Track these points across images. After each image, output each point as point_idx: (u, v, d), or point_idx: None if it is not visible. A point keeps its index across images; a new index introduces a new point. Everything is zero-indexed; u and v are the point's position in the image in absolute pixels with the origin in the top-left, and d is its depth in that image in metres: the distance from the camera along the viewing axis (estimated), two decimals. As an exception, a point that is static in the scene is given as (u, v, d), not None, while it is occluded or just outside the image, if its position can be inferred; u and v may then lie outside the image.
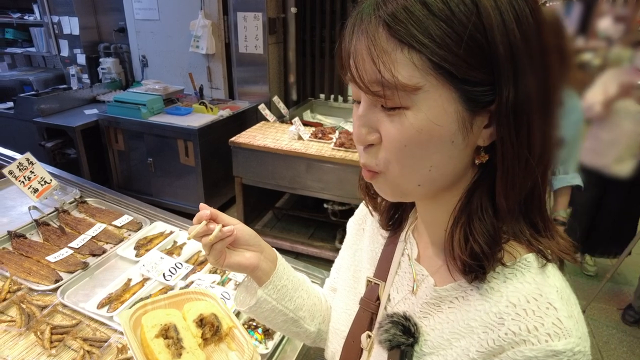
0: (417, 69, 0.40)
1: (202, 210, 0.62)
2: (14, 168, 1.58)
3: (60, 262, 1.33)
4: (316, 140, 2.77)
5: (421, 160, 0.44)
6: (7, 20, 4.35)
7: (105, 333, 1.09)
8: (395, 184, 0.48)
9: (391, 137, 0.44)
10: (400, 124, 0.43)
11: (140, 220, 1.62)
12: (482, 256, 0.45)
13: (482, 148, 0.45)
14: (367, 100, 0.45)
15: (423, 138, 0.42)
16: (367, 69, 0.42)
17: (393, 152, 0.44)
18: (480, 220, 0.46)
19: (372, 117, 0.45)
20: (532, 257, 0.48)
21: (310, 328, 0.74)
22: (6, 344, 1.04)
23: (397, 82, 0.40)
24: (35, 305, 1.15)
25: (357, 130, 0.47)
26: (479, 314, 0.47)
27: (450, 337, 0.50)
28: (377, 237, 0.67)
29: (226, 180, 3.22)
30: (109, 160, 3.58)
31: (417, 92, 0.41)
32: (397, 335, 0.53)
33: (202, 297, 1.00)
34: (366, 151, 0.47)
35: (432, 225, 0.55)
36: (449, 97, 0.41)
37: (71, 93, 3.72)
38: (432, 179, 0.46)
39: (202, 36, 3.66)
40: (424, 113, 0.41)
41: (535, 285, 0.45)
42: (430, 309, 0.53)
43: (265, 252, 0.68)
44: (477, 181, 0.47)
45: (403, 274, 0.60)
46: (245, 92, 3.79)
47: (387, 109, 0.43)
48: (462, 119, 0.42)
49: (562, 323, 0.42)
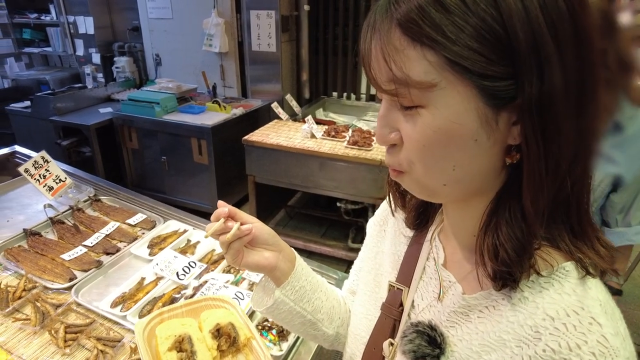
0: (432, 65, 0.38)
1: (220, 208, 0.60)
2: (30, 166, 1.59)
3: (74, 260, 1.33)
4: (329, 139, 2.75)
5: (443, 160, 0.42)
6: (25, 21, 4.42)
7: (118, 332, 1.08)
8: (421, 183, 0.46)
9: (410, 137, 0.43)
10: (416, 123, 0.42)
11: (154, 219, 1.61)
12: (509, 263, 0.42)
13: (513, 147, 0.41)
14: (386, 100, 0.44)
15: (442, 137, 0.41)
16: (380, 68, 0.41)
17: (413, 152, 0.43)
18: (508, 224, 0.42)
19: (392, 117, 0.44)
20: (571, 266, 0.44)
21: (329, 331, 0.72)
22: (21, 342, 1.05)
23: (410, 80, 0.39)
24: (50, 303, 1.15)
25: (378, 131, 0.46)
26: (512, 326, 0.44)
27: (480, 349, 0.47)
28: (400, 238, 0.64)
29: (239, 179, 3.22)
30: (123, 159, 3.61)
31: (432, 89, 0.39)
32: (422, 346, 0.50)
33: (221, 304, 0.97)
34: (389, 151, 0.47)
35: (461, 229, 0.52)
36: (467, 94, 0.39)
37: (86, 92, 3.76)
38: (457, 178, 0.43)
39: (215, 35, 3.66)
40: (440, 111, 0.40)
41: (576, 298, 0.42)
42: (458, 318, 0.50)
43: (284, 251, 0.66)
44: (507, 183, 0.44)
45: (428, 279, 0.57)
46: (258, 90, 3.79)
47: (404, 109, 0.42)
48: (484, 116, 0.39)
49: (608, 341, 0.38)
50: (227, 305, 0.97)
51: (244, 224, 0.61)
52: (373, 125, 3.20)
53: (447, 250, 0.56)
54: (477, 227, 0.46)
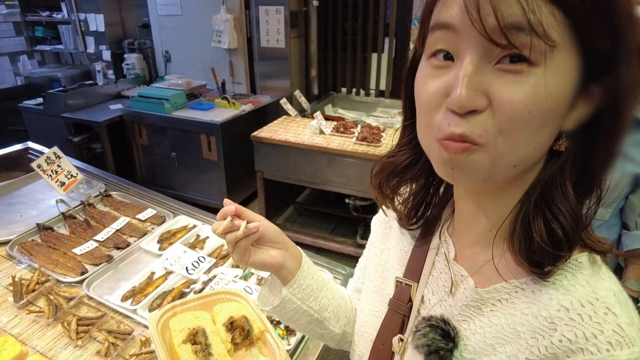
0: (558, 23, 0.35)
1: (226, 206, 0.60)
2: (42, 162, 1.62)
3: (85, 254, 1.35)
4: (338, 135, 2.74)
5: (535, 134, 0.39)
6: (37, 19, 4.47)
7: (129, 326, 1.10)
8: (493, 162, 0.40)
9: (513, 99, 0.37)
10: (527, 84, 0.36)
11: (164, 214, 1.63)
12: (565, 242, 0.41)
13: (563, 133, 0.41)
14: (480, 54, 0.38)
15: (549, 104, 0.37)
16: (506, 10, 0.35)
17: (512, 119, 0.37)
18: (565, 204, 0.42)
19: (482, 78, 0.38)
20: (583, 258, 0.44)
21: (335, 330, 0.71)
22: (35, 334, 1.07)
23: (544, 30, 0.35)
24: (62, 296, 1.17)
25: (458, 93, 0.38)
26: (526, 318, 0.44)
27: (494, 342, 0.47)
28: (406, 235, 0.63)
29: (248, 175, 3.23)
30: (133, 155, 3.65)
31: (553, 49, 0.36)
32: (435, 340, 0.49)
33: (233, 298, 0.97)
34: (467, 119, 0.39)
35: (475, 224, 0.52)
36: (575, 64, 0.37)
37: (97, 89, 3.80)
38: (530, 159, 0.41)
39: (224, 31, 3.67)
40: (554, 75, 0.37)
41: (590, 289, 0.42)
42: (470, 311, 0.50)
43: (290, 250, 0.66)
44: (551, 167, 0.43)
45: (438, 274, 0.56)
46: (267, 86, 3.79)
47: (508, 66, 0.37)
48: (576, 91, 0.38)
49: (624, 330, 0.39)
50: (240, 299, 0.97)
51: (250, 222, 0.61)
52: (382, 121, 3.19)
53: (457, 245, 0.55)
54: (501, 218, 0.46)
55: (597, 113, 0.40)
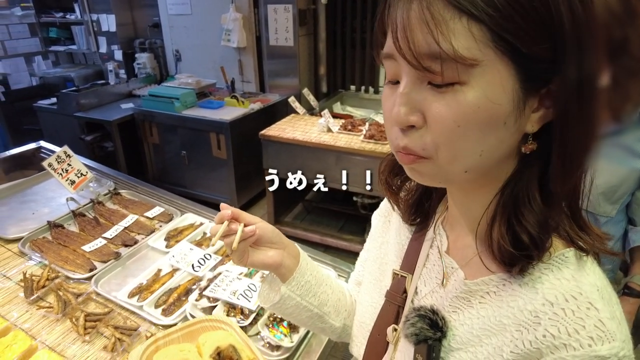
0: (476, 40, 0.37)
1: (223, 211, 0.61)
2: (53, 161, 1.65)
3: (94, 251, 1.38)
4: (345, 133, 2.74)
5: (474, 144, 0.41)
6: (51, 20, 4.55)
7: (135, 322, 1.12)
8: (442, 170, 0.43)
9: (443, 116, 0.40)
10: (454, 101, 0.39)
11: (172, 212, 1.65)
12: (531, 246, 0.43)
13: (529, 135, 0.42)
14: (412, 77, 0.41)
15: (480, 117, 0.39)
16: (419, 40, 0.38)
17: (444, 134, 0.40)
18: (529, 209, 0.43)
19: (417, 96, 0.41)
20: (570, 253, 0.45)
21: (336, 323, 0.73)
22: (45, 329, 1.09)
23: (457, 54, 0.37)
24: (71, 292, 1.19)
25: (396, 110, 0.42)
26: (512, 311, 0.45)
27: (481, 333, 0.48)
28: (404, 229, 0.65)
29: (257, 173, 3.25)
30: (144, 154, 3.69)
31: (474, 66, 0.37)
32: (424, 329, 0.51)
33: (218, 325, 0.93)
34: (406, 134, 0.43)
35: (465, 217, 0.53)
36: (507, 74, 0.38)
37: (109, 88, 3.86)
38: (480, 165, 0.43)
39: (233, 30, 3.68)
40: (482, 89, 0.38)
41: (575, 283, 0.43)
42: (459, 303, 0.51)
43: (288, 248, 0.67)
44: (520, 170, 0.45)
45: (431, 266, 0.58)
46: (275, 84, 3.80)
47: (438, 86, 0.39)
48: (518, 99, 0.39)
49: (605, 325, 0.40)
50: (225, 326, 0.93)
51: (247, 225, 0.62)
52: (390, 119, 3.17)
53: (450, 238, 0.57)
54: (481, 214, 0.47)
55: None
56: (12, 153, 2.12)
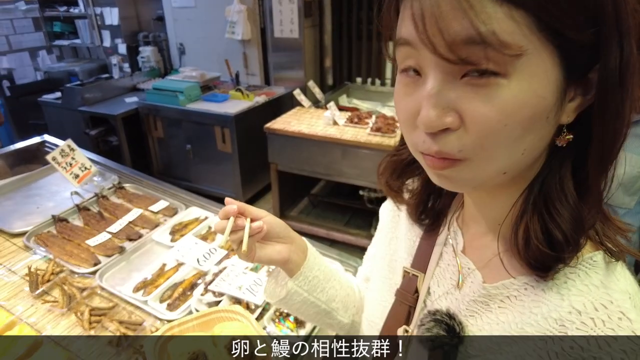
0: (519, 26, 0.32)
1: (228, 205, 0.58)
2: (57, 154, 1.64)
3: (99, 246, 1.37)
4: (352, 126, 2.71)
5: (518, 142, 0.37)
6: (55, 14, 4.54)
7: (140, 316, 1.11)
8: (479, 173, 0.39)
9: (485, 115, 0.35)
10: (497, 97, 0.34)
11: (176, 206, 1.63)
12: (564, 244, 0.39)
13: (563, 127, 0.39)
14: (442, 71, 0.36)
15: (527, 114, 0.35)
16: (454, 27, 0.33)
17: (487, 135, 0.36)
18: (564, 204, 0.40)
19: (450, 94, 0.36)
20: (598, 257, 0.42)
21: (344, 320, 0.71)
22: (50, 323, 1.09)
23: (500, 40, 0.32)
24: (76, 287, 1.18)
25: (425, 113, 0.36)
26: (535, 318, 0.42)
27: (500, 340, 0.44)
28: (415, 224, 0.62)
29: (262, 167, 3.23)
30: (149, 147, 3.68)
31: (519, 56, 0.33)
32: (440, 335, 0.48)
33: (233, 316, 0.92)
34: (440, 137, 0.37)
35: (485, 216, 0.50)
36: (551, 64, 0.35)
37: (113, 82, 3.85)
38: (520, 165, 0.39)
39: (237, 22, 3.65)
40: (527, 82, 0.34)
41: (605, 290, 0.40)
42: (477, 307, 0.48)
43: (296, 242, 0.65)
44: (550, 164, 0.41)
45: (445, 266, 0.54)
46: (280, 77, 3.77)
47: (475, 80, 0.34)
48: (561, 90, 0.36)
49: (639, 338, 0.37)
50: (241, 317, 0.92)
51: (254, 219, 0.59)
52: (397, 112, 3.14)
53: (466, 237, 0.53)
54: (505, 214, 0.44)
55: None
56: (16, 147, 2.11)
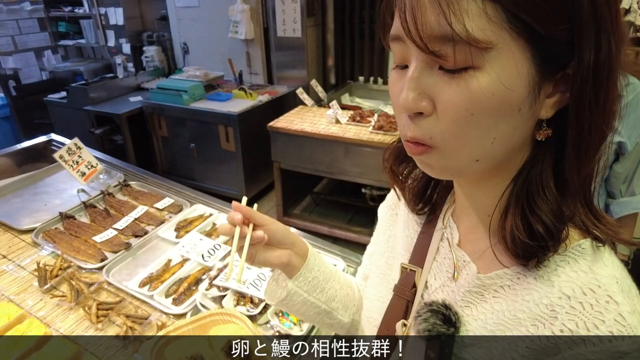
0: (491, 21, 0.35)
1: (234, 212, 0.58)
2: (64, 153, 1.67)
3: (105, 242, 1.39)
4: (354, 124, 2.72)
5: (486, 131, 0.39)
6: (60, 14, 4.58)
7: (146, 311, 1.13)
8: (452, 160, 0.42)
9: (454, 103, 0.38)
10: (467, 88, 0.37)
11: (181, 203, 1.66)
12: (546, 236, 0.41)
13: (543, 122, 0.41)
14: (421, 61, 0.39)
15: (494, 104, 0.37)
16: (430, 21, 0.36)
17: (456, 122, 0.39)
18: (543, 198, 0.42)
19: (427, 81, 0.39)
20: (586, 244, 0.43)
21: (344, 319, 0.72)
22: (58, 317, 1.11)
23: (470, 37, 0.35)
24: (84, 282, 1.21)
25: (404, 95, 0.40)
26: (527, 305, 0.43)
27: (495, 328, 0.46)
28: (412, 222, 0.63)
29: (266, 165, 3.25)
30: (153, 146, 3.71)
31: (489, 50, 0.36)
32: (436, 325, 0.49)
33: (229, 319, 0.93)
34: (415, 122, 0.41)
35: (475, 209, 0.51)
36: (522, 57, 0.36)
37: (117, 81, 3.88)
38: (493, 153, 0.41)
39: (240, 21, 3.67)
40: (496, 74, 0.36)
41: (592, 275, 0.41)
42: (472, 297, 0.50)
43: (296, 246, 0.66)
44: (533, 158, 0.43)
45: (442, 259, 0.56)
46: (283, 76, 3.78)
47: (449, 71, 0.37)
48: (533, 84, 0.38)
49: (625, 320, 0.38)
50: (236, 320, 0.94)
51: (257, 227, 0.60)
52: (399, 110, 3.15)
53: (461, 230, 0.55)
54: (493, 206, 0.46)
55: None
56: (23, 146, 2.14)
